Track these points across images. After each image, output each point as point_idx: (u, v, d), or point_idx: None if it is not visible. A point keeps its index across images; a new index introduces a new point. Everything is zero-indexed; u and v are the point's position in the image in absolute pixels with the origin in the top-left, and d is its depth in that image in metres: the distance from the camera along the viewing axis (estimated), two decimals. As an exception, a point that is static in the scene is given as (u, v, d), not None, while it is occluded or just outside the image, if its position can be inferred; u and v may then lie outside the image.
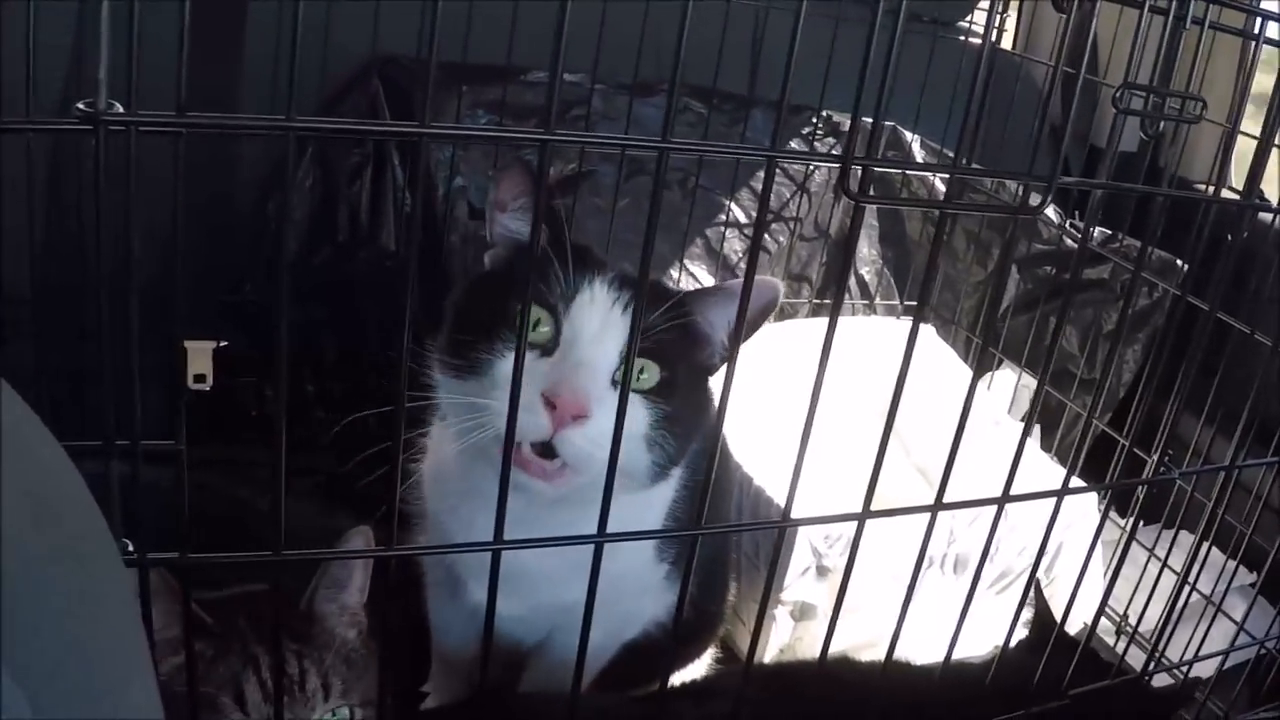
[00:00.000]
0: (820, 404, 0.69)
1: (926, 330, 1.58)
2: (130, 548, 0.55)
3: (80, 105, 0.46)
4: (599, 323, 0.85)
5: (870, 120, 0.61)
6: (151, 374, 0.54)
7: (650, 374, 0.86)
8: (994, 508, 0.84)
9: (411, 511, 0.97)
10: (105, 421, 0.53)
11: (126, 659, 0.34)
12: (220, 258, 1.38)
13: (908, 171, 1.73)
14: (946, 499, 0.78)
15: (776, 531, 0.74)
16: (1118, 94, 0.89)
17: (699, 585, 1.03)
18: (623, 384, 0.65)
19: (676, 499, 0.97)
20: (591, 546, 0.68)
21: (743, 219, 1.75)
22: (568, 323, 0.85)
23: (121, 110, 0.46)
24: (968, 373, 1.62)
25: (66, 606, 0.30)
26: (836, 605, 0.79)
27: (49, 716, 0.27)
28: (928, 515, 0.79)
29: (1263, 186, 1.05)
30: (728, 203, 1.72)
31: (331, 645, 0.80)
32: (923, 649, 0.94)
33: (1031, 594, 1.08)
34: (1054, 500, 0.88)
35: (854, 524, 0.75)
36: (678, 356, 0.87)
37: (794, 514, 0.72)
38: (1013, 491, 0.82)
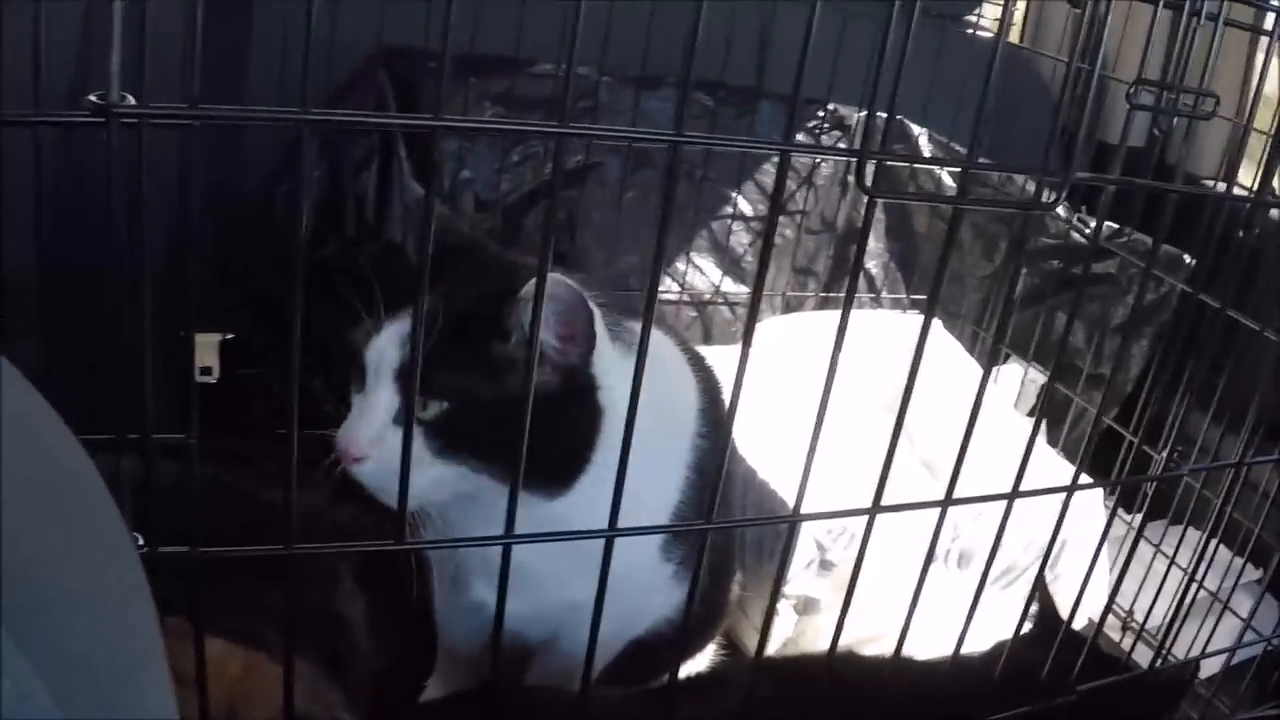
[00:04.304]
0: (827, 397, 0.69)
1: (933, 324, 1.58)
2: (141, 542, 0.55)
3: (92, 98, 0.45)
4: (382, 363, 0.86)
5: (882, 115, 0.61)
6: (157, 367, 0.54)
7: (434, 407, 0.85)
8: (999, 503, 0.84)
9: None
10: (115, 415, 0.53)
11: (143, 649, 0.33)
12: (225, 249, 1.37)
13: (915, 166, 1.72)
14: (954, 494, 0.78)
15: (786, 526, 0.74)
16: (1132, 89, 0.89)
17: (706, 577, 1.03)
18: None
19: (683, 499, 0.97)
20: (596, 545, 0.69)
21: (749, 212, 1.74)
22: (367, 365, 0.88)
23: (134, 102, 0.46)
24: (974, 366, 1.61)
25: (86, 595, 0.30)
26: (846, 599, 0.79)
27: (68, 706, 0.26)
28: (934, 510, 0.79)
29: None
30: (734, 195, 1.72)
31: None
32: (925, 643, 0.93)
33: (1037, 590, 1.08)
34: (1060, 495, 0.88)
35: (859, 518, 0.75)
36: (467, 381, 0.86)
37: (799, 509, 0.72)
38: (1021, 487, 0.82)
